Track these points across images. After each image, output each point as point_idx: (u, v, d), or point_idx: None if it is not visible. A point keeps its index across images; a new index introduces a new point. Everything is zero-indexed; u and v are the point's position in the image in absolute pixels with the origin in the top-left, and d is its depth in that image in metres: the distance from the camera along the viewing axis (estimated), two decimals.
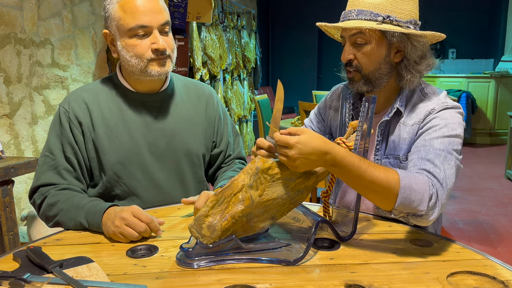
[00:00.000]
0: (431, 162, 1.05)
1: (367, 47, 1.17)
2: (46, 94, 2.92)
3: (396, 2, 1.15)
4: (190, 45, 4.38)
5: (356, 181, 0.99)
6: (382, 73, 1.19)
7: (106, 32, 1.29)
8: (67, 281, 0.85)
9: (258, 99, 4.34)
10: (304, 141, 0.92)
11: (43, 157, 1.29)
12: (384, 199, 1.00)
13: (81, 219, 1.15)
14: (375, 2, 1.15)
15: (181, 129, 1.39)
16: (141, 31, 1.23)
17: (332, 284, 0.87)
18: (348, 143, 1.02)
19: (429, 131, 1.13)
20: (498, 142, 6.60)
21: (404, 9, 1.15)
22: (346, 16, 1.19)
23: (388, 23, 1.14)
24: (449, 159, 1.07)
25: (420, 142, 1.13)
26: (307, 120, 1.51)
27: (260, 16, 8.24)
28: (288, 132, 0.94)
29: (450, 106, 1.17)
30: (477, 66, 7.61)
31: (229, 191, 0.95)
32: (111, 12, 1.25)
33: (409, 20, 1.15)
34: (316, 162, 0.94)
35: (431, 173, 1.03)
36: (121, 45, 1.26)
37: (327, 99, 1.44)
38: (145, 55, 1.24)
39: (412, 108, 1.22)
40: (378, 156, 1.25)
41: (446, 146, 1.09)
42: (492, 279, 0.90)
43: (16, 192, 2.61)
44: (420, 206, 0.98)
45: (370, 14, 1.14)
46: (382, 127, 1.24)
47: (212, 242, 0.96)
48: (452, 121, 1.13)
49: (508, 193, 4.19)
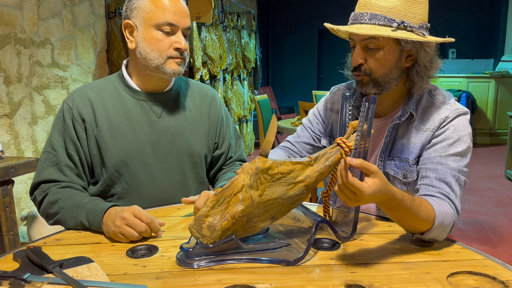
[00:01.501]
0: (450, 186, 1.11)
1: (379, 52, 1.15)
2: (46, 94, 2.92)
3: (410, 6, 1.13)
4: (190, 45, 4.38)
5: (400, 217, 1.04)
6: (392, 78, 1.18)
7: (127, 22, 1.30)
8: (67, 281, 0.85)
9: (258, 99, 4.35)
10: (377, 190, 0.91)
11: (45, 153, 1.30)
12: (417, 231, 1.05)
13: (82, 218, 1.16)
14: (388, 5, 1.12)
15: (184, 129, 1.39)
16: (168, 28, 1.26)
17: (332, 284, 0.87)
18: (348, 143, 1.02)
19: (443, 144, 1.16)
20: (498, 142, 6.60)
21: (416, 13, 1.13)
22: (357, 18, 1.15)
23: (403, 29, 1.11)
24: (460, 181, 1.13)
25: (436, 158, 1.15)
26: (305, 120, 1.48)
27: (260, 16, 8.24)
28: (361, 165, 0.90)
29: (462, 112, 1.19)
30: (477, 66, 7.61)
31: (229, 191, 0.95)
32: (140, 4, 1.27)
33: (421, 25, 1.14)
34: (374, 201, 0.97)
35: (452, 201, 1.09)
36: (142, 37, 1.27)
37: (327, 101, 1.43)
38: (166, 52, 1.27)
39: (423, 112, 1.21)
40: (383, 158, 1.25)
41: (459, 164, 1.14)
42: (492, 279, 0.90)
43: (16, 192, 2.61)
44: (443, 237, 1.08)
45: (384, 19, 1.12)
46: (391, 129, 1.23)
47: (212, 242, 0.96)
48: (464, 133, 1.16)
49: (508, 193, 4.19)
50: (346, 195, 0.92)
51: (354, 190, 0.90)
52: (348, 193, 0.92)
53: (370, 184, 0.90)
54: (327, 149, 1.03)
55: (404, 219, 1.03)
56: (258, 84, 6.69)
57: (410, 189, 1.22)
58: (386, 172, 1.24)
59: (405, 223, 1.04)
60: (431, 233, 1.04)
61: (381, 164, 1.25)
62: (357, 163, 0.90)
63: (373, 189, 0.90)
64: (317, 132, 1.44)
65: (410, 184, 1.22)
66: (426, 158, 1.16)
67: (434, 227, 1.02)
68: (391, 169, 1.24)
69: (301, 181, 0.99)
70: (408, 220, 1.03)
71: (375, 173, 0.91)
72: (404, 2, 1.12)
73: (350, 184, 0.89)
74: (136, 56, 1.31)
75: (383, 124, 1.27)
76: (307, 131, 1.46)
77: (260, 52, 6.62)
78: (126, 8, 1.31)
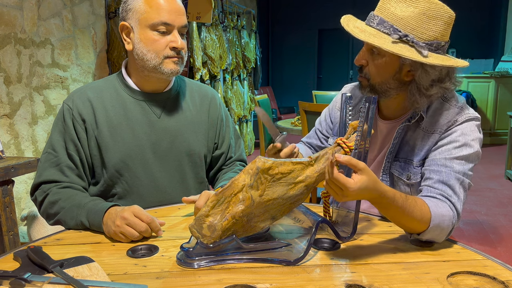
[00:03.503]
0: (452, 189, 1.09)
1: (380, 59, 1.13)
2: (46, 94, 2.92)
3: (422, 20, 1.07)
4: (190, 45, 4.38)
5: (392, 215, 1.03)
6: (389, 87, 1.16)
7: (123, 24, 1.30)
8: (68, 281, 0.85)
9: (258, 99, 4.34)
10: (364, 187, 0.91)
11: (46, 154, 1.30)
12: (413, 231, 1.05)
13: (82, 218, 1.16)
14: (400, 14, 1.08)
15: (184, 129, 1.39)
16: (163, 28, 1.26)
17: (332, 284, 0.87)
18: (349, 143, 1.02)
19: (449, 147, 1.13)
20: (498, 142, 6.60)
21: (428, 29, 1.07)
22: (369, 19, 1.14)
23: (405, 42, 1.07)
24: (465, 184, 1.12)
25: (441, 160, 1.13)
26: (317, 120, 1.49)
27: (260, 16, 8.24)
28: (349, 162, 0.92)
29: (472, 117, 1.15)
30: (477, 66, 7.60)
31: (230, 191, 0.95)
32: (135, 5, 1.27)
33: (429, 42, 1.08)
34: (363, 198, 0.97)
35: (453, 204, 1.08)
36: (139, 38, 1.27)
37: (336, 100, 1.43)
38: (162, 52, 1.27)
39: (433, 114, 1.18)
40: (390, 159, 1.24)
41: (464, 167, 1.12)
42: (492, 280, 0.90)
43: (16, 192, 2.61)
44: (441, 239, 1.07)
45: (390, 28, 1.08)
46: (400, 131, 1.21)
47: (213, 242, 0.96)
48: (471, 137, 1.13)
49: (508, 193, 4.19)
50: (334, 190, 0.94)
51: (339, 185, 0.91)
52: (335, 188, 0.93)
53: (356, 180, 0.91)
54: (327, 149, 1.03)
55: (397, 218, 1.03)
56: (258, 84, 6.69)
57: (414, 191, 1.22)
58: (391, 173, 1.24)
59: (399, 222, 1.04)
60: (427, 235, 1.03)
61: (387, 165, 1.24)
62: (345, 159, 0.91)
63: (358, 186, 0.91)
64: (324, 133, 1.45)
65: (413, 186, 1.21)
66: (431, 160, 1.15)
67: (430, 229, 1.02)
68: (395, 169, 1.23)
69: (301, 181, 0.99)
70: (401, 219, 1.02)
71: (362, 170, 0.92)
72: (417, 14, 1.07)
73: (336, 180, 0.91)
74: (134, 57, 1.31)
75: (393, 126, 1.25)
76: (315, 132, 1.48)
77: (260, 52, 6.62)
78: (121, 9, 1.31)
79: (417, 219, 1.01)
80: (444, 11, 1.08)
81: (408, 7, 1.08)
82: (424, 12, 1.07)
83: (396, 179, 1.24)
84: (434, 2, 1.08)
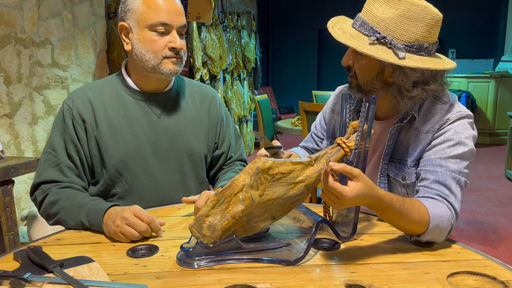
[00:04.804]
0: (449, 188, 1.09)
1: (362, 60, 1.13)
2: (46, 94, 2.92)
3: (401, 22, 1.06)
4: (190, 45, 4.38)
5: (390, 219, 1.04)
6: (375, 87, 1.16)
7: (122, 24, 1.30)
8: (68, 281, 0.85)
9: (258, 99, 4.35)
10: (360, 194, 0.91)
11: (45, 154, 1.30)
12: (413, 233, 1.05)
13: (82, 218, 1.16)
14: (380, 16, 1.08)
15: (184, 129, 1.39)
16: (162, 28, 1.25)
17: (332, 284, 0.87)
18: (349, 143, 1.02)
19: (443, 146, 1.13)
20: (498, 142, 6.60)
21: (408, 31, 1.06)
22: (354, 21, 1.15)
23: (382, 44, 1.07)
24: (461, 182, 1.11)
25: (436, 160, 1.12)
26: (313, 124, 1.50)
27: (260, 16, 8.24)
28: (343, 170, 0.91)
29: (464, 115, 1.15)
30: (477, 66, 7.61)
31: (230, 191, 0.95)
32: (133, 6, 1.27)
33: (409, 44, 1.07)
34: (360, 204, 0.97)
35: (450, 203, 1.08)
36: (137, 38, 1.27)
37: (330, 103, 1.43)
38: (161, 52, 1.27)
39: (425, 113, 1.18)
40: (386, 160, 1.24)
41: (459, 166, 1.11)
42: (492, 280, 0.90)
43: (16, 192, 2.61)
44: (441, 240, 1.07)
45: (370, 30, 1.09)
46: (394, 132, 1.21)
47: (213, 242, 0.96)
48: (464, 135, 1.13)
49: (508, 193, 4.19)
50: (330, 199, 0.94)
51: (336, 194, 0.91)
52: (331, 197, 0.93)
53: (352, 188, 0.91)
54: (327, 149, 1.03)
55: (395, 221, 1.03)
56: (258, 84, 6.69)
57: (410, 191, 1.22)
58: (387, 175, 1.24)
59: (398, 225, 1.04)
60: (427, 236, 1.03)
61: (384, 167, 1.24)
62: (339, 167, 0.91)
63: (355, 193, 0.90)
64: (320, 136, 1.46)
65: (409, 186, 1.21)
66: (426, 160, 1.15)
67: (429, 230, 1.02)
68: (391, 171, 1.23)
69: (301, 181, 0.99)
70: (399, 222, 1.03)
71: (357, 177, 0.92)
72: (397, 16, 1.06)
73: (332, 188, 0.90)
74: (133, 58, 1.31)
75: (386, 126, 1.26)
76: (311, 135, 1.49)
77: (260, 52, 6.62)
78: (120, 10, 1.31)
79: (415, 222, 1.01)
80: (426, 12, 1.07)
81: (389, 9, 1.08)
82: (404, 14, 1.06)
83: (393, 180, 1.24)
84: (416, 4, 1.06)
